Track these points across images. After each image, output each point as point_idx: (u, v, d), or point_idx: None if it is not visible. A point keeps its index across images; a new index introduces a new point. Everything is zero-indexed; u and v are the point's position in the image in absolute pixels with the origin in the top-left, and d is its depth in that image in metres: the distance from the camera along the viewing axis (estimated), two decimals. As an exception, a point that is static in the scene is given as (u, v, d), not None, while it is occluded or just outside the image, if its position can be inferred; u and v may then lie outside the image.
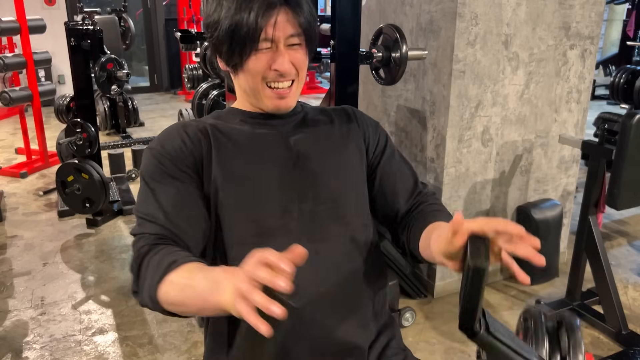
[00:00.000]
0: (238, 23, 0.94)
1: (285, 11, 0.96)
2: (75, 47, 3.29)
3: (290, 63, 0.99)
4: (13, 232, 3.39)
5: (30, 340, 2.30)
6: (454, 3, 2.22)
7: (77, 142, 3.30)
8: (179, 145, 1.00)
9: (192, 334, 2.34)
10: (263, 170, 1.02)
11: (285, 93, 1.01)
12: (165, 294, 0.85)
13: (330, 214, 1.03)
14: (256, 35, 0.94)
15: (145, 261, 0.90)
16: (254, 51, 0.96)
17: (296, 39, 0.98)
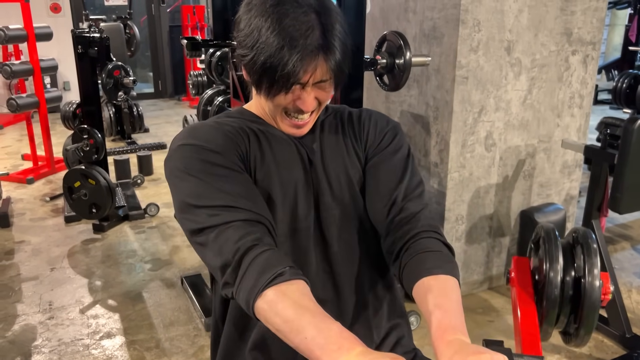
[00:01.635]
0: (276, 64, 0.90)
1: (323, 58, 0.92)
2: (82, 55, 3.34)
3: (315, 100, 0.99)
4: (20, 238, 3.42)
5: (39, 344, 2.33)
6: (456, 10, 2.25)
7: (84, 148, 3.33)
8: (222, 140, 0.98)
9: (198, 337, 2.36)
10: (288, 173, 1.02)
11: (303, 124, 1.02)
12: (264, 312, 0.83)
13: (344, 214, 1.06)
14: (291, 82, 0.92)
15: (248, 257, 0.86)
16: (285, 92, 0.95)
17: (326, 83, 0.97)
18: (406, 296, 1.34)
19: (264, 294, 0.83)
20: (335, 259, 1.06)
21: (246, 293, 0.84)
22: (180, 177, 0.95)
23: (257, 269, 0.85)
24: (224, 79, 3.54)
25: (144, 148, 5.24)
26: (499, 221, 2.67)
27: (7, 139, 5.99)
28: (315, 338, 0.78)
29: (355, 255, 1.08)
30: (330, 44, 0.92)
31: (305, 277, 0.87)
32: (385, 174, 1.07)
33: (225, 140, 0.98)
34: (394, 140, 1.11)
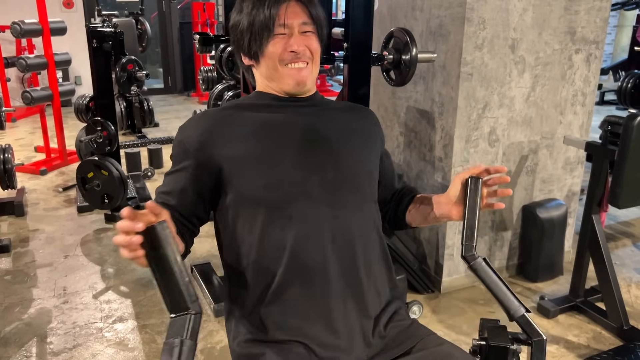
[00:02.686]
0: (255, 17, 1.12)
1: (296, 2, 1.13)
2: (96, 49, 3.42)
3: (304, 45, 1.13)
4: (35, 226, 3.51)
5: (54, 326, 2.42)
6: (462, 8, 2.32)
7: (97, 140, 3.42)
8: (190, 135, 1.15)
9: (207, 323, 2.44)
10: (285, 144, 1.13)
11: (301, 68, 1.15)
12: None
13: (349, 184, 1.15)
14: (271, 23, 1.11)
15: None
16: (272, 36, 1.12)
17: (308, 27, 1.14)
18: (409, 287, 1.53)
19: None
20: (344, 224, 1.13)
21: None
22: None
23: None
24: (234, 74, 3.62)
25: (155, 142, 5.33)
26: (502, 216, 2.74)
27: (20, 132, 6.10)
28: None
29: (364, 222, 1.17)
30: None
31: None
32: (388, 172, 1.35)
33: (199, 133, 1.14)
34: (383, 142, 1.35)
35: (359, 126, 1.24)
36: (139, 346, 2.27)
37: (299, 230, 1.09)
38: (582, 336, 2.37)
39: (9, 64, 6.09)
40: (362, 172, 1.19)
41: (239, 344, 1.17)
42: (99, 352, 2.24)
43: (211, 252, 3.15)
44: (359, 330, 1.13)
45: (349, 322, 1.12)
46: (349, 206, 1.14)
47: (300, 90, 1.17)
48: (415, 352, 1.11)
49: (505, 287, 1.14)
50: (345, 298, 1.12)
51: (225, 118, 1.17)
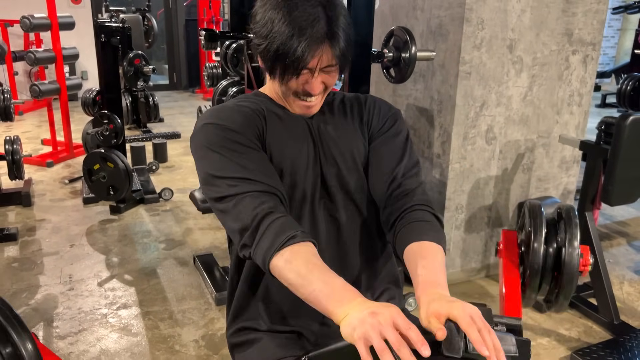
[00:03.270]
0: (287, 51, 1.02)
1: (329, 45, 1.04)
2: (104, 43, 3.49)
3: (322, 83, 1.11)
4: (41, 216, 3.59)
5: (60, 312, 2.49)
6: (462, 9, 2.38)
7: (104, 133, 3.50)
8: (241, 120, 1.11)
9: (209, 311, 2.51)
10: (299, 147, 1.16)
11: (311, 105, 1.15)
12: (278, 269, 0.96)
13: (347, 186, 1.19)
14: (300, 67, 1.05)
15: (265, 222, 0.99)
16: (295, 76, 1.07)
17: (332, 67, 1.09)
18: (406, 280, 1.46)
19: (280, 253, 0.96)
20: (341, 227, 1.19)
21: (263, 252, 0.97)
22: (204, 152, 1.08)
23: (274, 232, 0.98)
24: (239, 70, 3.68)
25: (160, 136, 5.40)
26: (498, 212, 2.80)
27: (27, 125, 6.18)
28: (322, 290, 0.91)
29: (359, 224, 1.22)
30: (334, 33, 1.04)
31: (314, 240, 1.01)
32: (387, 154, 1.20)
33: (244, 121, 1.11)
34: (395, 125, 1.25)
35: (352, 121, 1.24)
36: (142, 332, 2.35)
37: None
38: (573, 330, 2.43)
39: (17, 58, 6.17)
40: (358, 172, 1.21)
41: (236, 332, 1.23)
42: (104, 336, 2.31)
43: (214, 243, 3.22)
44: None
45: None
46: (346, 206, 1.19)
47: (305, 117, 1.19)
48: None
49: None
50: None
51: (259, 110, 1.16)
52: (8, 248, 3.12)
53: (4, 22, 6.38)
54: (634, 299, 2.70)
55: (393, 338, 0.78)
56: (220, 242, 3.24)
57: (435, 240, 1.07)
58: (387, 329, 0.79)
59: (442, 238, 1.10)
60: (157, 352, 2.21)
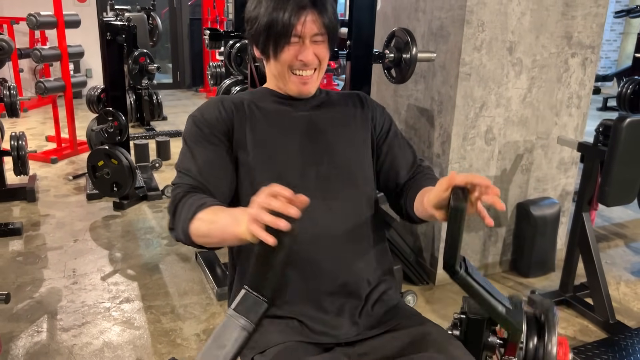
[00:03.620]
0: (274, 20, 1.14)
1: (313, 12, 1.16)
2: (110, 41, 3.54)
3: (314, 55, 1.20)
4: (46, 212, 3.64)
5: (64, 305, 2.53)
6: (462, 11, 2.42)
7: (108, 130, 3.54)
8: (216, 116, 1.22)
9: (210, 306, 2.55)
10: (286, 138, 1.23)
11: (307, 79, 1.22)
12: (195, 229, 1.07)
13: (342, 177, 1.24)
14: (289, 32, 1.15)
15: (180, 203, 1.12)
16: (286, 44, 1.17)
17: (320, 37, 1.19)
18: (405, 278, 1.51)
19: (194, 219, 1.07)
20: (337, 217, 1.23)
21: (181, 226, 1.09)
22: (182, 142, 1.25)
23: (187, 207, 1.10)
24: (243, 69, 3.72)
25: (163, 134, 5.45)
26: (496, 212, 2.83)
27: (31, 121, 6.23)
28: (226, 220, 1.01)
29: (355, 214, 1.26)
30: (319, 2, 1.17)
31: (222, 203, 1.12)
32: (401, 152, 1.36)
33: (218, 116, 1.22)
34: (392, 124, 1.39)
35: (352, 116, 1.31)
36: (145, 325, 2.38)
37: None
38: (569, 329, 2.46)
39: (23, 55, 6.23)
40: (355, 164, 1.27)
41: None
42: (107, 329, 2.35)
43: (215, 240, 3.26)
44: (347, 310, 1.22)
45: (338, 303, 1.22)
46: (341, 197, 1.24)
47: (303, 96, 1.27)
48: (398, 330, 1.21)
49: (487, 292, 1.12)
50: (335, 281, 1.21)
51: (243, 107, 1.25)
52: (13, 242, 3.16)
53: (10, 20, 6.44)
54: (630, 299, 2.73)
55: (276, 203, 0.86)
56: (222, 239, 3.28)
57: None
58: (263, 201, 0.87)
59: None
60: (159, 345, 2.25)
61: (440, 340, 1.13)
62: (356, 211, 1.26)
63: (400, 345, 1.14)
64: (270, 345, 1.18)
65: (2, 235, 3.20)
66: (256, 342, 1.21)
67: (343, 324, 1.22)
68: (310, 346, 1.17)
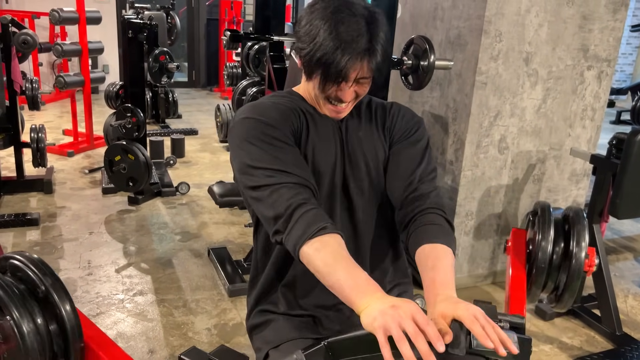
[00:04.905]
0: (330, 62, 1.09)
1: (367, 60, 1.11)
2: (131, 39, 3.60)
3: (354, 92, 1.18)
4: (62, 204, 3.70)
5: (79, 295, 2.59)
6: (480, 21, 2.45)
7: (126, 126, 3.60)
8: (279, 117, 1.18)
9: (221, 302, 2.60)
10: (326, 149, 1.23)
11: (341, 110, 1.22)
12: (307, 256, 1.02)
13: (369, 189, 1.27)
14: (340, 79, 1.12)
15: (298, 211, 1.06)
16: (334, 86, 1.15)
17: (366, 80, 1.16)
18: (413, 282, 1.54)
19: (310, 241, 1.02)
20: (358, 225, 1.27)
21: (295, 239, 1.04)
22: (241, 144, 1.15)
23: (306, 221, 1.04)
24: (260, 71, 3.78)
25: (178, 132, 5.52)
26: (507, 220, 2.86)
27: (48, 115, 6.33)
28: (347, 280, 0.98)
29: (375, 224, 1.30)
30: (374, 49, 1.11)
31: (342, 233, 1.08)
32: (407, 159, 1.27)
33: (281, 117, 1.18)
34: (417, 132, 1.31)
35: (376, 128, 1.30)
36: (157, 318, 2.43)
37: None
38: (575, 339, 2.48)
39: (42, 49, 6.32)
40: (376, 174, 1.28)
41: (255, 314, 1.32)
42: (120, 320, 2.40)
43: (227, 237, 3.31)
44: None
45: None
46: (363, 205, 1.27)
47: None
48: None
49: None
50: None
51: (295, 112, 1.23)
52: (30, 232, 3.23)
53: (32, 14, 6.54)
54: (637, 312, 2.74)
55: (411, 329, 0.83)
56: (233, 236, 3.33)
57: (446, 244, 1.13)
58: (406, 321, 0.85)
59: (452, 241, 1.16)
60: (171, 337, 2.30)
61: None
62: (378, 220, 1.30)
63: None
64: (284, 341, 1.22)
65: (20, 225, 3.27)
66: (271, 337, 1.25)
67: (357, 322, 1.25)
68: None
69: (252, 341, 1.32)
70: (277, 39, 2.75)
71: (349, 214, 1.27)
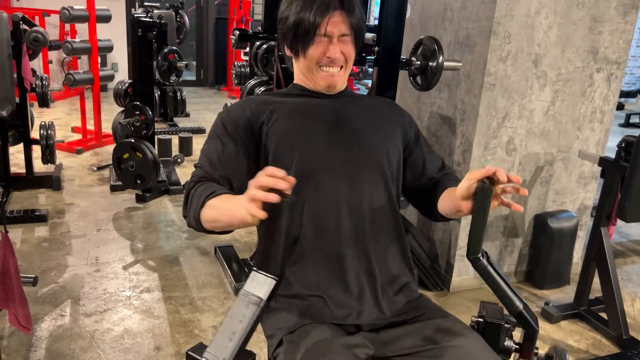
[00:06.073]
0: (301, 20, 1.24)
1: (339, 13, 1.25)
2: (141, 37, 3.62)
3: (341, 52, 1.28)
4: (70, 200, 3.73)
5: (87, 291, 2.61)
6: (489, 22, 2.45)
7: (135, 123, 3.62)
8: (240, 113, 1.31)
9: (228, 300, 2.61)
10: (312, 125, 1.31)
11: (334, 74, 1.31)
12: (205, 215, 1.14)
13: (368, 162, 1.30)
14: (313, 30, 1.24)
15: (192, 191, 1.20)
16: (312, 42, 1.26)
17: (346, 36, 1.28)
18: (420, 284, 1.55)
19: (204, 206, 1.13)
20: (361, 197, 1.28)
21: (193, 214, 1.16)
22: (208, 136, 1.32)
23: (197, 195, 1.17)
24: (269, 70, 3.78)
25: (186, 130, 5.54)
26: (514, 222, 2.85)
27: (57, 112, 6.37)
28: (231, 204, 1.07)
29: (380, 198, 1.31)
30: (345, 3, 1.25)
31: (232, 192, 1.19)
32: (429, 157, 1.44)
33: (243, 114, 1.30)
34: (419, 132, 1.47)
35: (382, 113, 1.40)
36: (164, 315, 2.45)
37: (320, 201, 1.26)
38: (582, 342, 2.47)
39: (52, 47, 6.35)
40: (381, 152, 1.33)
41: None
42: (127, 317, 2.42)
43: (234, 236, 3.32)
44: (370, 292, 1.27)
45: (360, 284, 1.27)
46: (366, 181, 1.30)
47: (331, 91, 1.36)
48: (422, 321, 1.25)
49: (506, 285, 1.21)
50: (356, 262, 1.27)
51: (269, 102, 1.34)
52: (39, 228, 3.26)
53: (42, 12, 6.58)
54: (644, 316, 2.73)
55: (266, 179, 0.94)
56: (240, 235, 3.34)
57: None
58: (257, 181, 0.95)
59: None
60: (177, 335, 2.31)
61: (464, 333, 1.18)
62: (381, 196, 1.31)
63: (424, 335, 1.19)
64: (298, 326, 1.22)
65: (28, 221, 3.30)
66: (284, 322, 1.25)
67: (365, 304, 1.26)
68: (334, 327, 1.22)
69: (263, 327, 1.32)
70: (285, 38, 2.75)
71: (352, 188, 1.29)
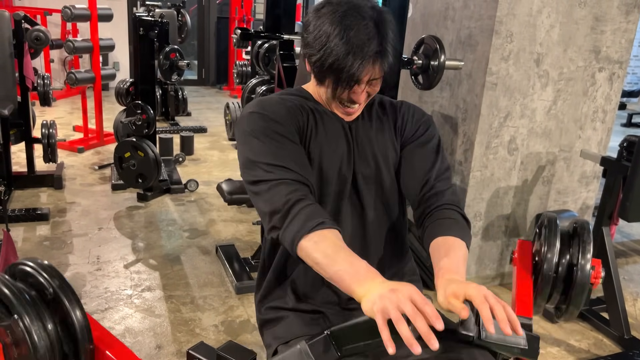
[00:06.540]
0: (342, 68, 1.10)
1: (378, 62, 1.11)
2: (142, 36, 3.62)
3: (366, 93, 1.19)
4: (72, 199, 3.73)
5: (88, 290, 2.61)
6: (491, 21, 2.44)
7: (136, 122, 3.62)
8: (283, 114, 1.19)
9: (229, 299, 2.61)
10: (334, 145, 1.24)
11: (353, 112, 1.23)
12: (306, 249, 1.03)
13: (378, 188, 1.28)
14: (353, 83, 1.13)
15: (296, 207, 1.07)
16: (347, 89, 1.16)
17: (377, 80, 1.17)
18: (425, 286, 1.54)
19: (309, 236, 1.04)
20: (367, 224, 1.28)
21: (292, 234, 1.05)
22: (246, 138, 1.17)
23: (304, 217, 1.06)
24: (270, 69, 3.79)
25: (187, 130, 5.54)
26: (515, 222, 2.85)
27: (59, 111, 6.37)
28: (347, 270, 0.99)
29: (385, 223, 1.30)
30: (385, 50, 1.12)
31: (340, 228, 1.09)
32: (421, 159, 1.28)
33: (287, 113, 1.19)
34: (428, 131, 1.32)
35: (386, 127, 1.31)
36: (165, 314, 2.45)
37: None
38: (583, 341, 2.47)
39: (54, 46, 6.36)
40: (386, 172, 1.28)
41: (265, 310, 1.32)
42: (129, 315, 2.42)
43: (235, 235, 3.32)
44: None
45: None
46: (373, 203, 1.27)
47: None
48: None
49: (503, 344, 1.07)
50: None
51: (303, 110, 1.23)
52: (40, 227, 3.26)
53: (44, 11, 6.59)
54: (646, 316, 2.73)
55: (410, 310, 0.84)
56: (241, 234, 3.34)
57: (460, 237, 1.15)
58: (404, 302, 0.86)
59: (466, 235, 1.17)
60: (179, 333, 2.31)
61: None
62: (387, 219, 1.30)
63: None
64: (293, 337, 1.22)
65: (30, 219, 3.30)
66: (281, 333, 1.26)
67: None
68: None
69: (262, 337, 1.33)
70: (287, 37, 2.75)
71: (358, 213, 1.28)
